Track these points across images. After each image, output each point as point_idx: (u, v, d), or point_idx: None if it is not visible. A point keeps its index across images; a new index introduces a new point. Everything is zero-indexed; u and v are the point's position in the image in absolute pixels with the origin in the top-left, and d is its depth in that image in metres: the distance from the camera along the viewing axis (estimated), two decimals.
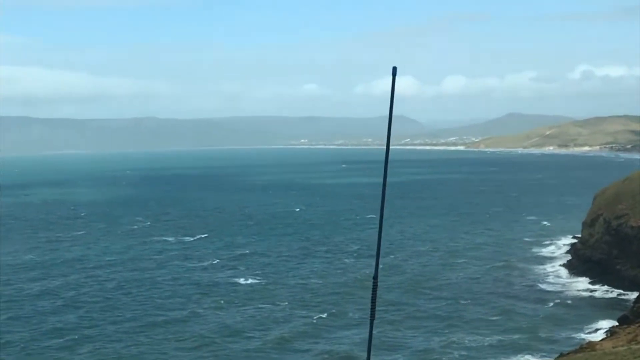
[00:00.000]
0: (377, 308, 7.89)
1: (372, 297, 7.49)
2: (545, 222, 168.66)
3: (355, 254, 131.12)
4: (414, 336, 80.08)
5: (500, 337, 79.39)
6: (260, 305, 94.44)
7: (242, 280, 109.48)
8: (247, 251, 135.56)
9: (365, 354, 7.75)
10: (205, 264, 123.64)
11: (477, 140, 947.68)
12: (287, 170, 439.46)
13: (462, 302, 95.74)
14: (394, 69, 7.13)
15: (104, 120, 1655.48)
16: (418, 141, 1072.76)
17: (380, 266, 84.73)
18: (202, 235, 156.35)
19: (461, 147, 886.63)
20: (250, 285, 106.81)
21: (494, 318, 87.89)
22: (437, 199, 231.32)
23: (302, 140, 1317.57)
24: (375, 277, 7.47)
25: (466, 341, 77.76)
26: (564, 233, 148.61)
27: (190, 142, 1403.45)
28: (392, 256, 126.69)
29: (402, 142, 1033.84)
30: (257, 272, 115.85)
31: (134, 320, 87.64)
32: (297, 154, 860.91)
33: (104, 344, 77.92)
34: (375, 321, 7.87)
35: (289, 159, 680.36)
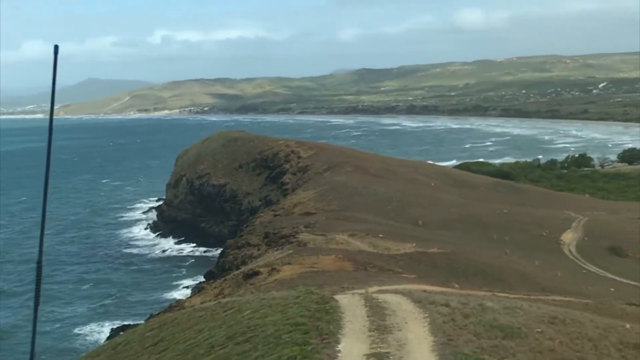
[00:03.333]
0: None
1: (36, 281, 6.76)
2: (130, 187, 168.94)
3: None
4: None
5: (90, 305, 77.40)
6: None
7: None
8: None
9: None
10: None
11: (56, 107, 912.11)
12: None
13: (50, 272, 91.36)
14: (56, 47, 6.26)
15: None
16: None
17: None
18: None
19: (40, 115, 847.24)
20: None
21: (85, 287, 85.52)
22: (20, 170, 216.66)
23: None
24: (39, 262, 6.64)
25: (57, 313, 74.45)
26: (149, 196, 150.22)
27: None
28: None
29: None
30: None
31: None
32: None
33: None
34: None
35: None
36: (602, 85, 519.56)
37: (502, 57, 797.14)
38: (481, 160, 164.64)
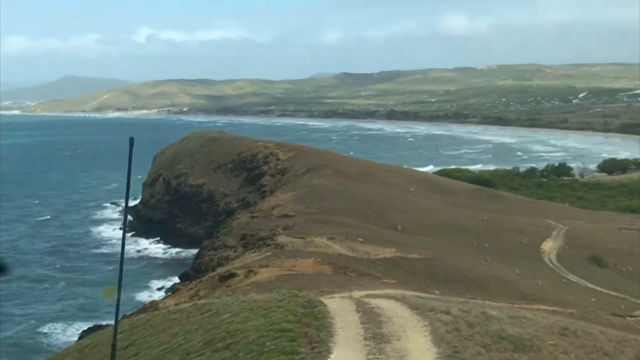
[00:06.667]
0: None
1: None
2: (108, 185, 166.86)
3: None
4: None
5: (61, 304, 75.86)
6: None
7: None
8: None
9: None
10: None
11: (33, 104, 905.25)
12: None
13: (23, 270, 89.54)
14: (131, 140, 6.80)
15: None
16: None
17: None
18: None
19: (17, 112, 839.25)
20: None
21: (57, 285, 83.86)
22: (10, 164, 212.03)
23: None
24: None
25: (27, 310, 72.98)
26: (124, 195, 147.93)
27: None
28: None
29: None
30: None
31: None
32: None
33: None
34: None
35: None
36: (582, 95, 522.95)
37: (483, 64, 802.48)
38: (461, 167, 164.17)
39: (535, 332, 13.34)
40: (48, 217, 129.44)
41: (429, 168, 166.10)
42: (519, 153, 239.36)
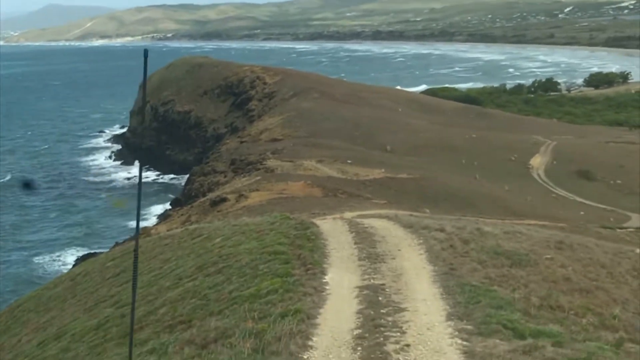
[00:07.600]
0: None
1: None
2: (97, 114, 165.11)
3: None
4: None
5: (58, 234, 75.93)
6: None
7: None
8: None
9: None
10: None
11: (16, 34, 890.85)
12: None
13: (16, 199, 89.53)
14: (145, 51, 6.86)
15: None
16: None
17: None
18: None
19: (1, 42, 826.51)
20: None
21: (50, 215, 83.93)
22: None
23: None
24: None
25: (21, 241, 73.30)
26: (112, 123, 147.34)
27: None
28: None
29: None
30: None
31: None
32: None
33: None
34: None
35: None
36: (568, 9, 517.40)
37: None
38: (453, 85, 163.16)
39: (531, 247, 13.24)
40: (44, 146, 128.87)
41: (422, 87, 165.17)
42: (510, 70, 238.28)
